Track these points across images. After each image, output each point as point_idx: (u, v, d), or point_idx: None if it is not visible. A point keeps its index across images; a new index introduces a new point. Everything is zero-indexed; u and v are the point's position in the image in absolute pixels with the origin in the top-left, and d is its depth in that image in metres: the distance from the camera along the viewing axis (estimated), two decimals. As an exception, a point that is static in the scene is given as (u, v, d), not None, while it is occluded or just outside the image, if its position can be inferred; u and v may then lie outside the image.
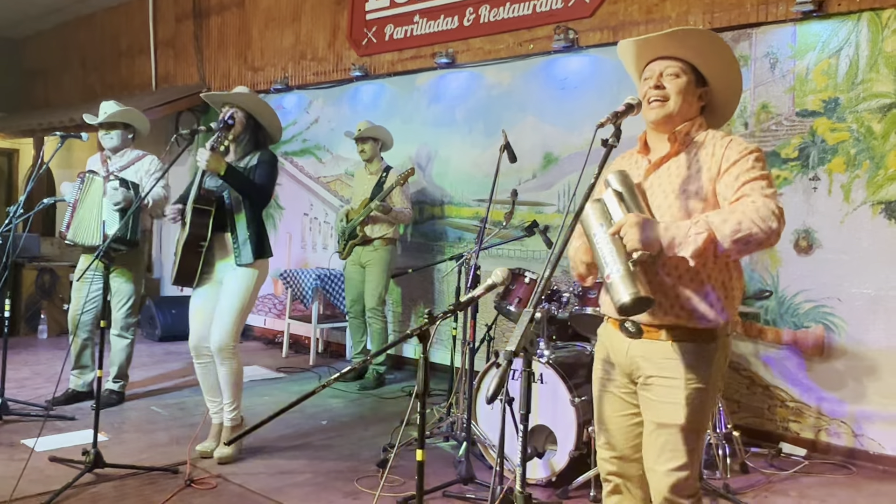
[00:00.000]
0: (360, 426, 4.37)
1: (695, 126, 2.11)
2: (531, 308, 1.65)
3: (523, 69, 5.38)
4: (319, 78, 6.74)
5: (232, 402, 3.66)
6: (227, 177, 3.44)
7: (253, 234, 3.60)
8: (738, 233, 1.84)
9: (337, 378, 1.89)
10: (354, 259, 5.43)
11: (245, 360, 6.15)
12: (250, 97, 3.64)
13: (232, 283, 3.59)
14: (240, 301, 3.58)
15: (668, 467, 2.01)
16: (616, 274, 1.86)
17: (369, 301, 5.33)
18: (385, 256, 5.34)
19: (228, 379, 3.62)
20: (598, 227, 1.94)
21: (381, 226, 5.32)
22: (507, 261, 5.29)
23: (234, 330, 3.58)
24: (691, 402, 1.99)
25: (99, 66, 9.41)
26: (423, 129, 5.97)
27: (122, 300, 4.54)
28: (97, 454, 3.26)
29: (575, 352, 3.79)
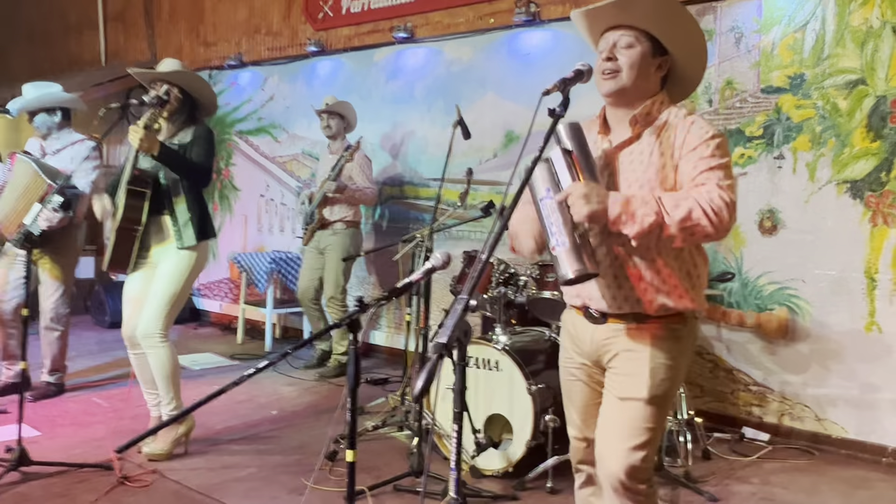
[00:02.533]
0: (311, 416, 4.19)
1: (656, 104, 1.96)
2: (465, 295, 1.48)
3: (484, 44, 5.19)
4: (274, 53, 6.49)
5: (167, 394, 3.44)
6: (161, 157, 3.21)
7: (195, 214, 3.39)
8: (686, 220, 1.74)
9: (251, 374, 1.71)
10: (314, 244, 5.20)
11: (198, 347, 5.98)
12: (183, 73, 3.41)
13: (167, 267, 3.38)
14: (174, 286, 3.37)
15: (626, 445, 1.89)
16: (561, 246, 1.75)
17: (328, 289, 5.11)
18: (345, 241, 5.10)
19: (160, 370, 3.40)
20: (544, 191, 1.80)
21: (341, 207, 5.09)
22: (467, 243, 5.12)
23: (164, 316, 3.36)
24: (656, 377, 1.89)
25: (47, 41, 9.01)
26: (382, 107, 5.76)
27: (51, 289, 4.28)
28: (22, 451, 3.05)
29: (533, 337, 3.65)
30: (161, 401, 3.48)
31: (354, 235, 5.18)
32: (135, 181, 3.28)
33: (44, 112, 4.22)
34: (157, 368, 3.40)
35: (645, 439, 1.90)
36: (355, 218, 5.18)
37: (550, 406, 3.29)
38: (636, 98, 1.95)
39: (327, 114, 5.16)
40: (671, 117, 1.94)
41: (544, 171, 1.82)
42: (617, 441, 1.91)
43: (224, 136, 6.97)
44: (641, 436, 1.90)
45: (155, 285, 3.37)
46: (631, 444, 1.89)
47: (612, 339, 1.95)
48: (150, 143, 3.15)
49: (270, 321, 5.97)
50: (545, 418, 3.22)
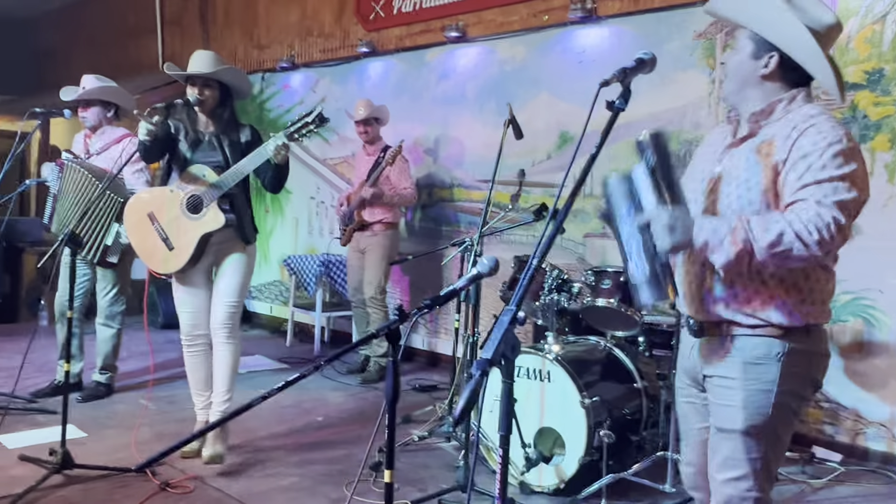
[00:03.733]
0: (357, 423, 4.09)
1: (783, 103, 1.78)
2: (512, 306, 1.34)
3: (538, 42, 5.03)
4: (326, 55, 6.45)
5: (228, 391, 3.42)
6: (285, 165, 3.24)
7: (250, 213, 3.47)
8: (775, 246, 1.59)
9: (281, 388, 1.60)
10: (354, 245, 5.14)
11: (248, 350, 5.96)
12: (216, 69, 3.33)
13: (232, 264, 3.38)
14: (243, 281, 3.41)
15: (725, 476, 1.79)
16: (641, 274, 1.67)
17: (368, 289, 5.03)
18: (384, 242, 5.02)
19: (230, 364, 3.39)
20: (623, 209, 1.72)
21: (380, 209, 5.01)
22: (517, 247, 4.97)
23: (238, 311, 3.40)
24: (752, 406, 1.74)
25: (106, 46, 9.19)
26: (433, 108, 5.65)
27: (107, 287, 4.30)
28: (66, 454, 3.02)
29: (586, 347, 3.48)
30: (215, 399, 3.43)
31: (393, 237, 5.10)
32: None
33: (100, 104, 4.24)
34: (227, 362, 3.39)
35: (745, 472, 1.76)
36: (394, 219, 5.09)
37: (605, 420, 3.12)
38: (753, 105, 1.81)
39: (363, 121, 5.07)
40: (794, 116, 1.74)
41: (623, 188, 1.73)
42: (717, 472, 1.82)
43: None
44: (741, 468, 1.77)
45: (227, 281, 3.37)
46: (729, 476, 1.78)
47: (706, 357, 1.84)
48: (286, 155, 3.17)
49: (319, 324, 5.92)
50: (600, 433, 3.05)
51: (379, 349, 5.05)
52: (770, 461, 1.78)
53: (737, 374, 1.76)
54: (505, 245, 5.06)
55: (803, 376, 1.78)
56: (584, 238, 4.72)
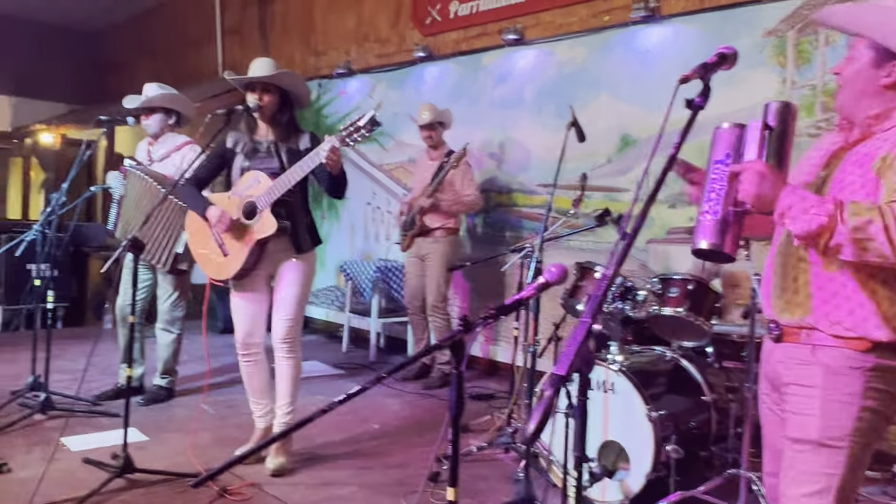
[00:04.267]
0: (414, 432, 4.04)
1: None
2: (587, 317, 1.25)
3: (598, 43, 4.92)
4: (382, 60, 6.44)
5: (291, 403, 3.40)
6: (341, 173, 3.21)
7: (310, 220, 3.43)
8: (860, 231, 1.50)
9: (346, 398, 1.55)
10: (414, 251, 5.10)
11: (304, 355, 5.96)
12: (275, 73, 3.32)
13: (291, 273, 3.35)
14: (302, 291, 3.37)
15: (798, 492, 1.68)
16: (711, 215, 1.62)
17: (430, 297, 4.98)
18: (446, 248, 4.98)
19: (292, 376, 3.37)
20: (722, 155, 1.66)
21: (442, 215, 4.96)
22: (577, 253, 4.85)
23: (299, 319, 3.37)
24: (830, 416, 1.64)
25: (168, 56, 9.42)
26: (490, 112, 5.58)
27: (167, 293, 4.35)
28: (127, 458, 3.04)
29: (652, 357, 3.35)
30: (279, 410, 3.41)
31: (455, 242, 5.04)
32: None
33: (162, 111, 4.30)
34: (289, 375, 3.37)
35: (820, 487, 1.65)
36: (455, 225, 5.03)
37: (673, 434, 2.99)
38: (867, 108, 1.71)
39: (427, 126, 5.02)
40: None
41: (732, 137, 1.67)
42: (789, 487, 1.71)
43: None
44: (816, 482, 1.65)
45: (284, 293, 3.34)
46: (803, 491, 1.67)
47: (786, 363, 1.75)
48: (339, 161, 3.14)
49: (375, 330, 5.90)
50: (667, 448, 2.92)
51: (442, 356, 5.00)
52: (848, 479, 1.66)
53: (817, 383, 1.66)
54: (564, 251, 4.94)
55: (890, 395, 1.66)
56: (646, 244, 4.57)
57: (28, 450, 3.44)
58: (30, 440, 3.58)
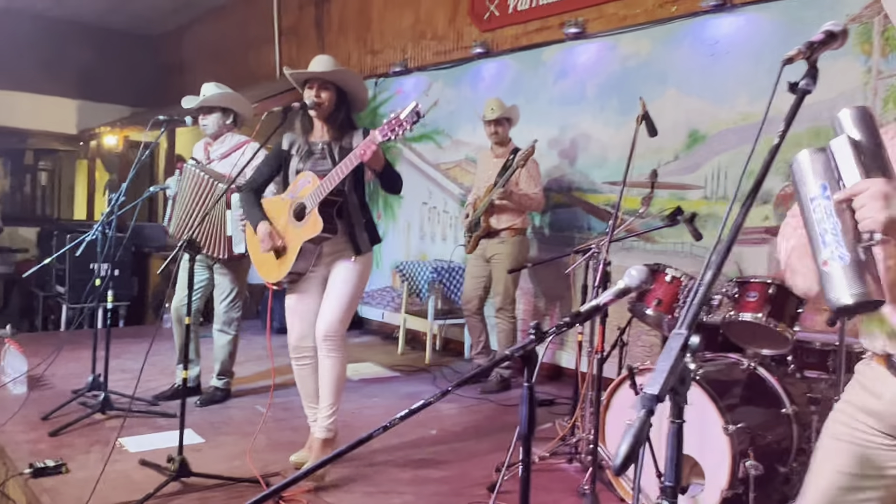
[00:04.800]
0: (473, 438, 3.91)
1: None
2: (684, 329, 1.10)
3: (664, 35, 4.71)
4: (439, 58, 6.34)
5: (332, 405, 3.29)
6: (385, 171, 3.11)
7: (367, 221, 3.32)
8: None
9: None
10: (479, 252, 4.96)
11: (359, 356, 5.92)
12: (335, 70, 3.24)
13: (343, 272, 3.25)
14: (352, 290, 3.25)
15: None
16: (838, 261, 1.28)
17: (497, 300, 4.84)
18: (512, 250, 4.81)
19: (333, 375, 3.25)
20: (817, 188, 1.34)
21: (509, 215, 4.81)
22: (643, 254, 4.65)
23: (345, 319, 3.24)
24: None
25: (228, 58, 9.51)
26: (550, 109, 5.41)
27: (224, 293, 4.32)
28: (183, 462, 2.99)
29: (727, 365, 3.15)
30: (321, 412, 3.33)
31: (521, 243, 4.87)
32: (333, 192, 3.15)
33: (219, 111, 4.27)
34: (330, 374, 3.26)
35: None
36: (523, 225, 4.87)
37: (750, 449, 2.79)
38: None
39: (494, 122, 4.88)
40: None
41: (817, 164, 1.36)
42: None
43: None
44: None
45: (335, 289, 3.25)
46: None
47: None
48: (380, 159, 3.05)
49: (431, 332, 5.79)
50: (745, 464, 2.72)
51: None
52: None
53: None
54: (627, 252, 4.75)
55: None
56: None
57: (87, 450, 3.44)
58: (89, 440, 3.58)
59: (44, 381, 4.61)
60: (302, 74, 3.28)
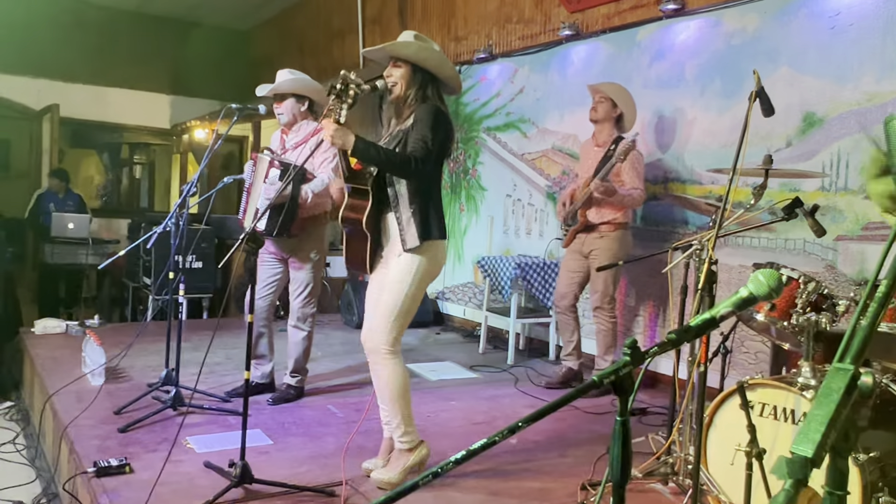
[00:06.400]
0: (556, 449, 3.60)
1: None
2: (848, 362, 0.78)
3: (775, 8, 4.24)
4: (525, 42, 6.02)
5: (395, 418, 3.04)
6: (355, 153, 2.83)
7: (417, 211, 2.93)
8: None
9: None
10: (576, 247, 4.63)
11: (439, 355, 5.69)
12: (409, 44, 2.98)
13: (393, 272, 2.99)
14: (399, 294, 2.95)
15: None
16: None
17: (595, 298, 4.52)
18: (613, 245, 4.46)
19: (384, 388, 3.01)
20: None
21: (608, 209, 4.46)
22: (749, 252, 4.21)
23: (390, 328, 2.96)
24: None
25: (314, 50, 9.47)
26: (644, 93, 5.00)
27: (299, 288, 4.16)
28: (245, 468, 2.82)
29: (853, 381, 2.72)
30: (391, 424, 3.10)
31: (623, 238, 4.51)
32: (354, 177, 2.94)
33: (293, 98, 4.12)
34: (382, 386, 3.02)
35: None
36: (625, 219, 4.50)
37: (881, 482, 2.38)
38: None
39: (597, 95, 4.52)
40: None
41: None
42: None
43: (472, 133, 6.66)
44: None
45: (382, 294, 3.00)
46: None
47: None
48: (342, 138, 2.79)
49: (514, 331, 5.50)
50: (879, 499, 2.32)
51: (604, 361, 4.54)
52: None
53: None
54: (732, 249, 4.32)
55: None
56: (834, 241, 3.87)
57: (154, 448, 3.33)
58: (157, 437, 3.48)
59: (123, 373, 4.59)
60: (370, 50, 3.06)
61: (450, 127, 3.02)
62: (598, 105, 4.50)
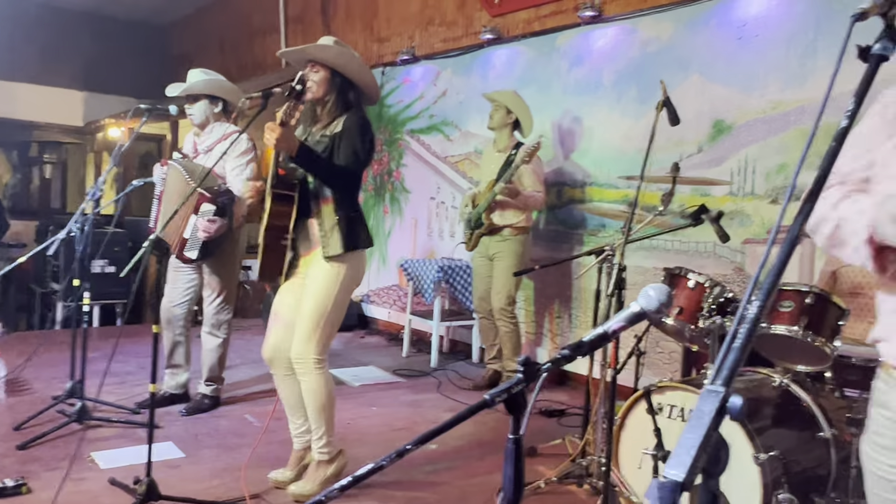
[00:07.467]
0: (475, 455, 3.61)
1: None
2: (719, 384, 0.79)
3: (687, 18, 4.36)
4: (448, 45, 6.02)
5: (318, 429, 2.98)
6: (300, 159, 2.75)
7: (343, 219, 2.89)
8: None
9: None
10: (482, 251, 4.67)
11: (362, 359, 5.64)
12: (330, 48, 2.94)
13: (316, 281, 2.92)
14: (324, 303, 2.89)
15: None
16: None
17: (496, 300, 4.55)
18: (516, 248, 4.54)
19: (311, 400, 2.95)
20: None
21: (511, 212, 4.52)
22: (664, 255, 4.31)
23: (315, 338, 2.89)
24: None
25: (234, 48, 9.26)
26: (563, 98, 5.08)
27: (213, 294, 4.04)
28: (150, 484, 2.71)
29: (756, 382, 2.82)
30: (312, 434, 3.04)
31: (525, 241, 4.59)
32: (280, 183, 2.87)
33: (206, 99, 4.00)
34: (309, 397, 2.95)
35: None
36: (527, 223, 4.57)
37: (783, 478, 2.46)
38: None
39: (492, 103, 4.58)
40: None
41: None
42: None
43: (395, 135, 6.62)
44: None
45: (305, 303, 2.93)
46: None
47: None
48: (287, 142, 2.70)
49: (437, 334, 5.49)
50: (778, 497, 2.40)
51: (511, 363, 4.56)
52: None
53: None
54: (646, 252, 4.42)
55: None
56: (742, 244, 4.00)
57: (55, 466, 3.17)
58: (59, 454, 3.31)
59: (25, 385, 4.37)
60: (289, 54, 3.00)
61: (373, 137, 3.03)
62: (493, 113, 4.58)
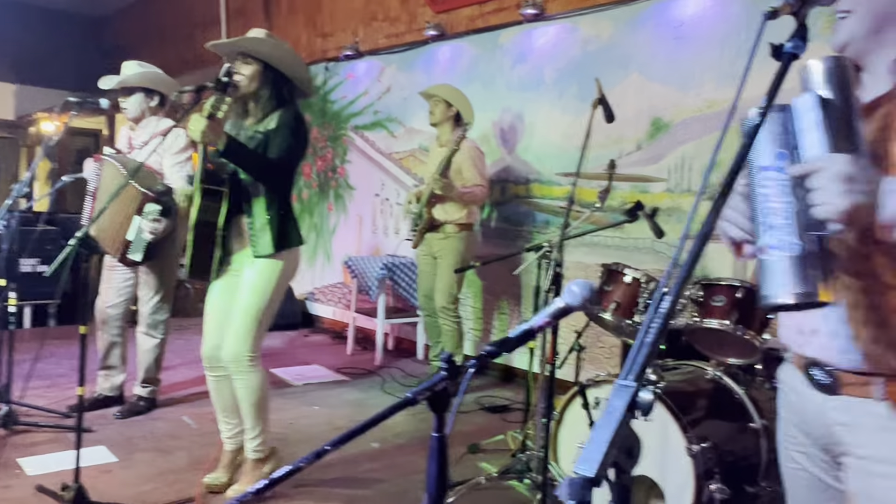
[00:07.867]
0: (418, 452, 3.59)
1: None
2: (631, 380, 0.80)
3: (627, 17, 4.42)
4: (391, 41, 5.98)
5: (254, 428, 2.93)
6: (227, 153, 2.67)
7: (274, 217, 2.84)
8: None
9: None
10: (426, 249, 4.65)
11: (306, 358, 5.57)
12: (264, 41, 2.89)
13: (249, 279, 2.86)
14: (258, 301, 2.84)
15: None
16: (783, 251, 1.03)
17: (439, 298, 4.54)
18: (458, 246, 4.52)
19: (247, 398, 2.90)
20: (771, 157, 1.07)
21: (452, 207, 4.50)
22: (603, 251, 4.37)
23: (250, 336, 2.84)
24: None
25: (175, 41, 9.03)
26: (507, 95, 5.10)
27: (150, 293, 3.93)
28: (79, 490, 2.63)
29: (690, 375, 2.88)
30: (246, 433, 2.98)
31: (468, 238, 4.57)
32: (209, 178, 2.80)
33: (142, 92, 3.89)
34: (244, 396, 2.89)
35: None
36: (469, 220, 4.56)
37: (716, 469, 2.52)
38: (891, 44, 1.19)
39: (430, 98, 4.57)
40: None
41: (775, 126, 1.08)
42: None
43: (339, 131, 6.56)
44: None
45: (239, 301, 2.87)
46: None
47: (850, 426, 1.22)
48: (214, 135, 2.62)
49: (382, 332, 5.46)
50: (710, 487, 2.46)
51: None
52: None
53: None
54: (587, 248, 4.47)
55: None
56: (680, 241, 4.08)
57: (-22, 473, 3.05)
58: (-17, 461, 3.19)
59: (-51, 390, 4.18)
60: (219, 46, 2.93)
61: (308, 133, 2.98)
62: (433, 108, 4.56)
